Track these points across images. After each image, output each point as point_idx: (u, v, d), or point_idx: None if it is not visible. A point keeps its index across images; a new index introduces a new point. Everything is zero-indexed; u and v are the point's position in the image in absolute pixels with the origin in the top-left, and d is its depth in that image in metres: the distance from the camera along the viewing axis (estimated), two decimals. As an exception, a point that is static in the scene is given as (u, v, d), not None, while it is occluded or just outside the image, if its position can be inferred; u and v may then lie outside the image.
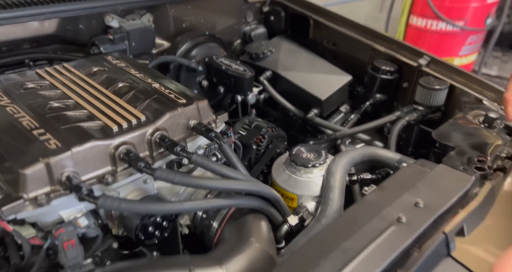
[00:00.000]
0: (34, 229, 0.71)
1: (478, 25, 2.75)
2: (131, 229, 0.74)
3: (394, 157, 0.97)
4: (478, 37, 2.86)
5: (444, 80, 1.17)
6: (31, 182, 0.63)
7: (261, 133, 1.15)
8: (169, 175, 0.69)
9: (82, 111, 0.77)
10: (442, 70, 1.20)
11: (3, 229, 0.64)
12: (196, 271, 0.64)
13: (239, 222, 0.81)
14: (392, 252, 0.61)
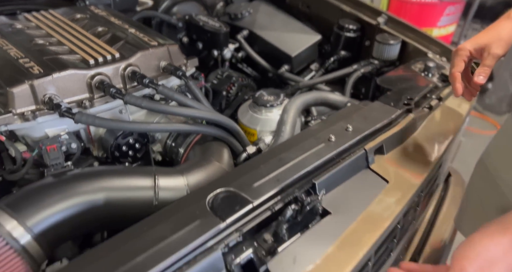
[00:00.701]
0: (25, 146, 0.82)
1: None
2: (107, 147, 0.85)
3: (343, 100, 1.08)
4: (456, 8, 2.89)
5: (397, 37, 1.25)
6: (18, 99, 0.73)
7: (231, 82, 1.25)
8: (137, 100, 0.79)
9: (63, 47, 0.86)
10: (397, 28, 1.28)
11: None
12: (160, 177, 0.75)
13: (203, 146, 0.92)
14: (316, 160, 0.72)
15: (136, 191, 0.72)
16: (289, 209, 0.61)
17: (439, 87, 1.02)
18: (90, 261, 0.50)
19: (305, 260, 0.58)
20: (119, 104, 0.88)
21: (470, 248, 0.52)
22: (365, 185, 0.74)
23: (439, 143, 0.88)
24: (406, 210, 0.73)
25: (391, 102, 0.92)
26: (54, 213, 0.62)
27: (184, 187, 0.76)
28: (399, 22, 1.28)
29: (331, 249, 0.60)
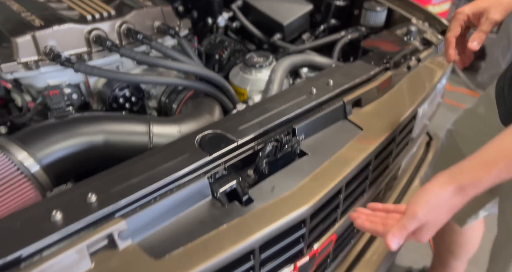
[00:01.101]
0: (29, 97, 0.87)
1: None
2: (105, 99, 0.90)
3: (329, 62, 1.13)
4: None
5: (383, 4, 1.28)
6: (21, 49, 0.77)
7: (224, 46, 1.29)
8: (132, 52, 0.84)
9: (62, 4, 0.90)
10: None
11: (5, 89, 0.80)
12: (154, 124, 0.81)
13: (195, 102, 0.97)
14: (297, 109, 0.78)
15: (133, 135, 0.78)
16: (268, 145, 0.67)
17: (419, 50, 1.06)
18: (92, 182, 0.57)
19: (282, 189, 0.65)
20: (116, 60, 0.93)
21: (422, 194, 0.57)
22: (341, 133, 0.80)
23: (414, 98, 0.94)
24: (377, 153, 0.79)
25: (371, 62, 0.97)
26: (59, 149, 0.68)
27: (177, 134, 0.82)
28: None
29: (306, 181, 0.67)
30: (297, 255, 0.67)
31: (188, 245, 0.54)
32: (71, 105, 0.85)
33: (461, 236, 1.25)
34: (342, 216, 0.77)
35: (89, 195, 0.52)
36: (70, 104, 0.84)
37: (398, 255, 1.64)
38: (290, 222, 0.61)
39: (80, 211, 0.51)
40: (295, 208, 0.62)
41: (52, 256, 0.46)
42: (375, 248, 1.05)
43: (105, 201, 0.53)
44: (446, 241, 1.31)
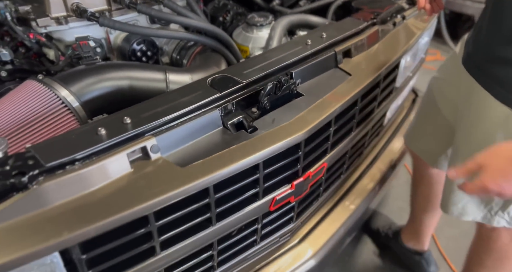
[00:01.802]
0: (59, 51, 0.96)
1: None
2: (125, 53, 0.99)
3: (324, 21, 1.20)
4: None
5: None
6: (53, 6, 0.86)
7: (227, 9, 1.35)
8: (148, 9, 0.92)
9: (83, -34, 0.97)
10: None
11: (39, 42, 0.89)
12: (170, 73, 0.91)
13: (203, 56, 1.06)
14: (294, 57, 0.87)
15: (152, 81, 0.88)
16: (269, 85, 0.77)
17: (404, 8, 1.13)
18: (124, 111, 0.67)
19: (281, 121, 0.75)
20: (132, 17, 1.01)
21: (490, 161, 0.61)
22: (332, 78, 0.90)
23: (397, 50, 1.02)
24: (363, 94, 0.89)
25: (360, 18, 1.05)
26: (93, 90, 0.78)
27: (190, 80, 0.92)
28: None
29: (301, 114, 0.77)
30: (294, 175, 0.79)
31: (205, 158, 0.65)
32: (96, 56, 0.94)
33: (436, 185, 1.27)
34: (332, 148, 0.88)
35: (125, 118, 0.63)
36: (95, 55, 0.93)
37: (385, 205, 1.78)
38: (287, 144, 0.72)
39: (119, 129, 0.61)
40: (292, 134, 0.73)
41: (101, 159, 0.57)
42: (358, 190, 1.17)
43: (139, 122, 0.63)
44: (423, 192, 1.33)
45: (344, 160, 1.00)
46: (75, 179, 0.53)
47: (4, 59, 0.81)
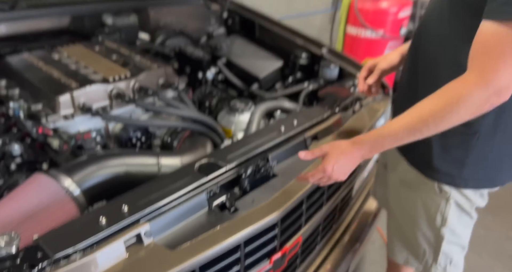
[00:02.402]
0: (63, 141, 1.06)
1: (395, 34, 3.21)
2: (122, 141, 1.10)
3: (295, 106, 1.37)
4: (397, 43, 3.31)
5: (335, 63, 1.57)
6: (62, 105, 0.97)
7: (212, 96, 1.52)
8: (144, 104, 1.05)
9: (90, 69, 1.12)
10: (335, 56, 1.60)
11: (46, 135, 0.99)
12: (162, 157, 1.01)
13: (191, 139, 1.17)
14: (270, 142, 0.99)
15: (146, 166, 0.97)
16: (249, 169, 0.88)
17: (361, 98, 1.32)
18: (122, 198, 0.75)
19: (259, 201, 0.84)
20: (130, 109, 1.14)
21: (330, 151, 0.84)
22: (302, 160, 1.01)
23: (358, 133, 1.17)
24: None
25: (326, 107, 1.21)
26: (93, 178, 0.86)
27: (180, 164, 1.01)
28: (336, 53, 1.61)
29: (277, 195, 0.86)
30: (272, 251, 0.85)
31: (193, 240, 0.72)
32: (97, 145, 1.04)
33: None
34: (306, 223, 0.96)
35: (123, 206, 0.70)
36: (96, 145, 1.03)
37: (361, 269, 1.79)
38: (266, 224, 0.80)
39: (118, 216, 0.68)
40: (269, 214, 0.81)
41: (101, 247, 0.63)
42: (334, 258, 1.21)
43: (134, 209, 0.70)
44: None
45: (317, 232, 1.07)
46: (77, 268, 0.58)
47: (15, 154, 0.90)
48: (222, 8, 2.04)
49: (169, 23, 1.88)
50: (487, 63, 0.68)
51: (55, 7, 1.35)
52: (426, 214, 1.00)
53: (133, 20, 1.67)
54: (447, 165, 0.91)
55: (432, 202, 0.97)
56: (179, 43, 1.78)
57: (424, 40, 0.89)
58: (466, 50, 0.72)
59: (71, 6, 1.39)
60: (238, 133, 1.31)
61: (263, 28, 1.91)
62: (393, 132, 0.80)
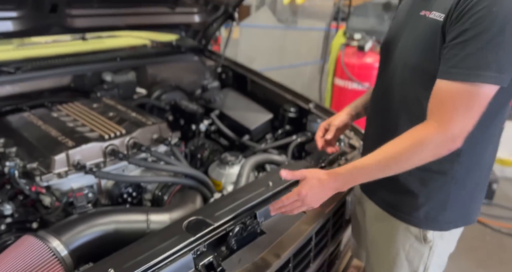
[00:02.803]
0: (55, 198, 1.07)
1: (380, 85, 3.40)
2: (113, 196, 1.11)
3: (283, 159, 1.41)
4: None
5: (322, 117, 1.65)
6: (57, 163, 1.01)
7: (204, 148, 1.57)
8: (137, 161, 1.08)
9: (87, 128, 1.17)
10: (322, 111, 1.69)
11: (38, 193, 1.00)
12: (150, 213, 1.02)
13: (181, 194, 1.19)
14: (258, 198, 1.01)
15: (135, 223, 0.98)
16: (236, 228, 0.89)
17: (347, 152, 1.38)
18: (110, 260, 0.75)
19: (246, 261, 0.84)
20: (123, 165, 1.17)
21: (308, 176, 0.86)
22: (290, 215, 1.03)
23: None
24: (316, 230, 1.01)
25: (312, 161, 1.26)
26: (81, 237, 0.86)
27: (169, 220, 1.02)
28: (323, 108, 1.70)
29: (264, 254, 0.87)
30: (260, 313, 0.83)
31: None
32: (88, 202, 1.05)
33: None
34: (294, 281, 0.95)
35: (109, 269, 0.70)
36: (87, 201, 1.04)
37: None
38: (252, 285, 0.79)
39: (103, 281, 0.68)
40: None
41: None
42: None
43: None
44: None
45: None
46: None
47: (6, 213, 0.90)
48: (216, 63, 2.17)
49: (166, 78, 1.99)
50: (444, 114, 0.79)
51: (58, 68, 1.44)
52: (410, 267, 1.00)
53: (132, 77, 1.77)
54: (432, 211, 0.95)
55: (415, 253, 0.98)
56: (174, 97, 1.87)
57: (388, 97, 0.96)
58: (424, 106, 0.83)
59: (73, 66, 1.49)
60: (228, 186, 1.33)
61: (255, 83, 2.03)
62: (366, 168, 0.85)
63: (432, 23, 0.83)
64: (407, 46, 0.90)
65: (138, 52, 1.82)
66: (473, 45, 0.74)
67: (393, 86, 0.95)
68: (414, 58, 0.87)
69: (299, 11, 4.18)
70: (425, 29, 0.85)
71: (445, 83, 0.79)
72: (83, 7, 1.33)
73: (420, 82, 0.87)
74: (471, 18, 0.74)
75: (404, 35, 0.92)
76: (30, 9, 1.18)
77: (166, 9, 1.78)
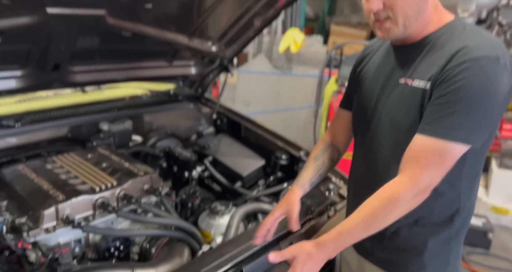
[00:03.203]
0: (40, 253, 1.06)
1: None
2: (100, 250, 1.10)
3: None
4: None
5: (313, 163, 1.67)
6: (46, 218, 1.01)
7: (195, 196, 1.57)
8: (126, 214, 1.09)
9: (79, 180, 1.19)
10: (312, 158, 1.72)
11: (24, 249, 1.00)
12: (136, 269, 1.00)
13: (169, 246, 1.18)
14: (245, 253, 1.01)
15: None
16: (221, 286, 0.87)
17: (336, 202, 1.38)
18: None
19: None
20: (112, 217, 1.17)
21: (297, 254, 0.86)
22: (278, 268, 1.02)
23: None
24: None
25: (301, 213, 1.26)
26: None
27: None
28: (312, 156, 1.73)
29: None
30: None
31: None
32: (75, 257, 1.04)
33: None
34: None
35: None
36: (73, 256, 1.03)
37: None
38: None
39: None
40: None
41: None
42: None
43: None
44: None
45: None
46: None
47: (-11, 272, 0.89)
48: (212, 110, 2.25)
49: (162, 125, 2.05)
50: (416, 169, 0.84)
51: (57, 120, 1.49)
52: None
53: (128, 125, 1.82)
54: (438, 267, 0.96)
55: None
56: (169, 144, 1.91)
57: (375, 158, 1.00)
58: None
59: (71, 118, 1.54)
60: (217, 238, 1.31)
61: (248, 129, 2.09)
62: (351, 231, 0.87)
63: (418, 91, 0.88)
64: (395, 112, 0.94)
65: (135, 102, 1.89)
66: (450, 108, 0.82)
67: (381, 148, 0.97)
68: (408, 122, 0.91)
69: (294, 59, 4.40)
70: (413, 96, 0.89)
71: (420, 139, 0.85)
72: (84, 64, 1.41)
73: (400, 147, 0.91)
74: (452, 86, 0.82)
75: (387, 102, 0.96)
76: (33, 68, 1.26)
77: (164, 62, 1.88)
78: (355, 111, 1.09)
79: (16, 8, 0.99)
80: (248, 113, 3.58)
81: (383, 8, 0.85)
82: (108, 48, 1.47)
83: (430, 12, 0.89)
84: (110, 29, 1.28)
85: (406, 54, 0.94)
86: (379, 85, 0.99)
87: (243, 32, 1.82)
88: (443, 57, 0.85)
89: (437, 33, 0.89)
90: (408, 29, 0.88)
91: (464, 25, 0.89)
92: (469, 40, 0.84)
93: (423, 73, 0.88)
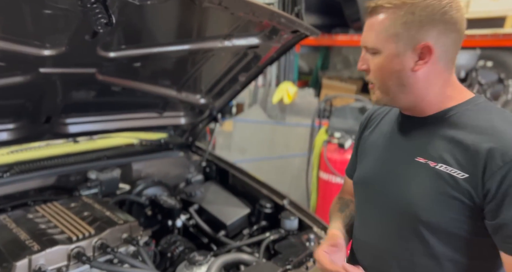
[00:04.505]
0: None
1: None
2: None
3: (252, 259, 1.40)
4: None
5: (295, 215, 1.68)
6: (18, 270, 1.01)
7: (176, 245, 1.56)
8: (100, 264, 1.09)
9: (57, 229, 1.21)
10: (295, 208, 1.73)
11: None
12: None
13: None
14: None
15: None
16: None
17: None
18: None
19: None
20: (86, 268, 1.16)
21: None
22: None
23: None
24: None
25: (278, 263, 1.25)
26: None
27: None
28: (296, 205, 1.75)
29: None
30: None
31: None
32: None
33: None
34: None
35: None
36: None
37: None
38: None
39: None
40: None
41: None
42: None
43: None
44: None
45: None
46: None
47: None
48: (201, 158, 2.30)
49: (150, 173, 2.09)
50: None
51: (45, 169, 1.54)
52: None
53: (116, 174, 1.86)
54: None
55: None
56: (155, 192, 1.94)
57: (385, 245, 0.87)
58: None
59: (60, 167, 1.59)
60: (193, 290, 1.29)
61: (235, 177, 2.12)
62: None
63: (445, 177, 0.75)
64: (411, 197, 0.80)
65: (125, 151, 1.96)
66: None
67: (390, 234, 0.84)
68: (426, 213, 0.77)
69: (287, 109, 4.59)
70: (437, 182, 0.76)
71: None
72: (76, 115, 1.50)
73: (438, 240, 0.78)
74: (508, 197, 0.69)
75: (398, 180, 0.83)
76: (26, 121, 1.34)
77: (155, 113, 1.99)
78: (357, 183, 0.95)
79: (10, 69, 1.09)
80: (244, 160, 3.65)
81: (368, 71, 0.81)
82: (99, 101, 1.57)
83: (441, 87, 0.79)
84: (101, 83, 1.38)
85: (420, 127, 0.82)
86: (387, 159, 0.87)
87: (230, 86, 1.95)
88: (472, 143, 0.74)
89: (457, 108, 0.79)
90: (395, 99, 0.80)
91: (486, 104, 0.80)
92: (499, 126, 0.74)
93: (451, 158, 0.75)
